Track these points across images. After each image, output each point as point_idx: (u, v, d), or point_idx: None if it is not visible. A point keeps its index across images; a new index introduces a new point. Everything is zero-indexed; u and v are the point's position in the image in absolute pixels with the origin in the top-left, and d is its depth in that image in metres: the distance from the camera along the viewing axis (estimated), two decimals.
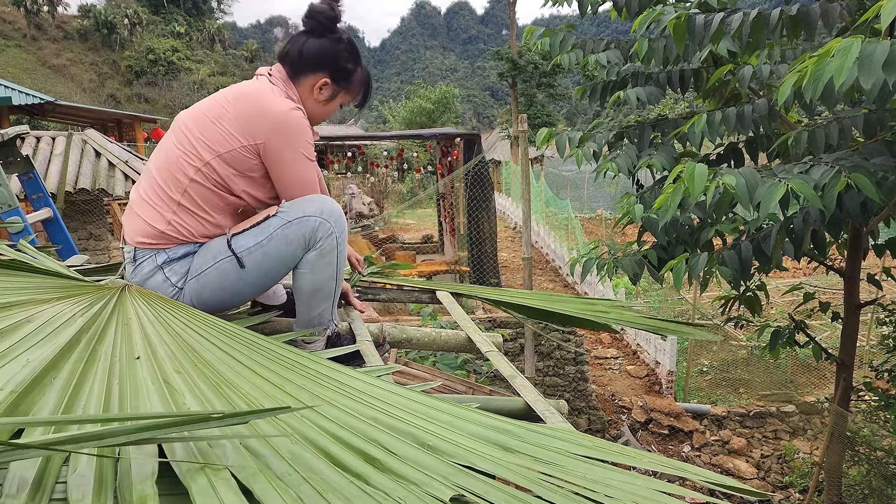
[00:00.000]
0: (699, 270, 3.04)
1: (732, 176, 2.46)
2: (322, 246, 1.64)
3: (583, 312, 2.16)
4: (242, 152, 1.64)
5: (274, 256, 1.64)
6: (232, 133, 1.62)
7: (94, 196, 7.31)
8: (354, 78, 1.82)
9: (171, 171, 1.65)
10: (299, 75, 1.75)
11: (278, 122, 1.62)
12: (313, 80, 1.75)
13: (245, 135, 1.62)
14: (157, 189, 1.66)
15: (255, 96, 1.66)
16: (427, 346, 1.91)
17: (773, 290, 8.54)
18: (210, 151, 1.63)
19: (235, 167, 1.65)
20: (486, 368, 6.91)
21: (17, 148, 3.82)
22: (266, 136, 1.62)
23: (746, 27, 2.99)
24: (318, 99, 1.78)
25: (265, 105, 1.64)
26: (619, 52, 3.87)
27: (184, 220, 1.65)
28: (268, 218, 1.64)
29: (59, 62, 49.37)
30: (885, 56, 1.96)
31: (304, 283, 1.68)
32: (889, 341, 5.25)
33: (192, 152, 1.63)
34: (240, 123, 1.62)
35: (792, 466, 7.37)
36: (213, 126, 1.63)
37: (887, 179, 2.53)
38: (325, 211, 1.65)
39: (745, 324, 4.88)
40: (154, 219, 1.65)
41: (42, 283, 1.52)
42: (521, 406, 1.37)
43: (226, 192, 1.67)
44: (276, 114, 1.62)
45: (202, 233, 1.67)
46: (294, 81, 1.75)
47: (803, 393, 8.64)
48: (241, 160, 1.64)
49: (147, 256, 1.66)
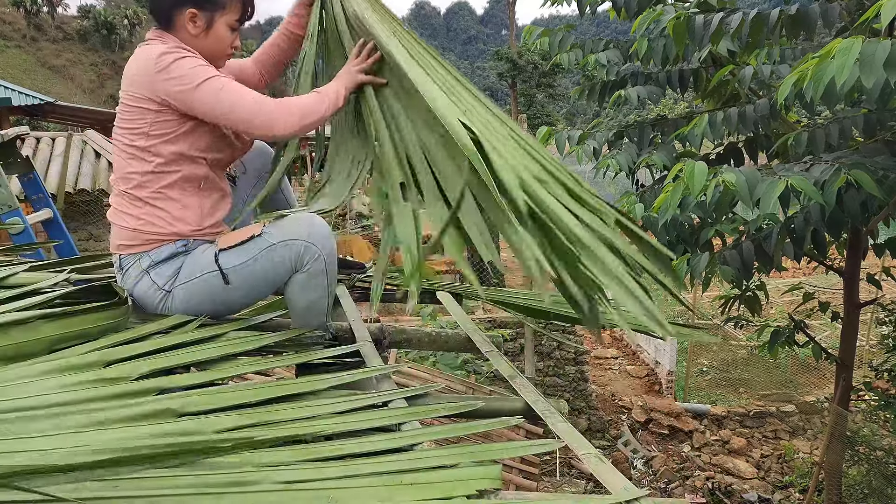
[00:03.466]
0: (701, 270, 3.04)
1: (732, 174, 2.47)
2: (310, 269, 1.63)
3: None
4: (161, 116, 1.60)
5: (260, 276, 1.63)
6: (141, 108, 1.59)
7: (94, 197, 7.31)
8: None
9: (122, 173, 1.64)
10: (169, 21, 1.67)
11: (159, 69, 1.56)
12: (181, 18, 1.66)
13: (150, 101, 1.59)
14: (121, 194, 1.66)
15: (133, 65, 1.63)
16: (427, 346, 1.92)
17: (773, 289, 8.54)
18: (140, 135, 1.60)
19: (162, 134, 1.61)
20: (486, 368, 6.91)
21: (17, 149, 3.82)
22: (161, 85, 1.57)
23: (746, 27, 3.00)
24: (196, 33, 1.68)
25: (143, 63, 1.59)
26: (618, 51, 3.87)
27: (151, 213, 1.63)
28: (252, 237, 1.62)
29: (59, 63, 49.37)
30: (886, 55, 1.97)
31: (295, 301, 1.68)
32: (889, 341, 5.25)
33: (129, 147, 1.62)
34: (140, 94, 1.59)
35: (792, 466, 7.38)
36: (126, 114, 1.61)
37: (888, 178, 2.53)
38: (311, 234, 1.62)
39: (745, 324, 4.89)
40: (125, 220, 1.65)
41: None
42: (522, 406, 1.37)
43: (173, 164, 1.63)
44: (153, 63, 1.57)
45: (174, 222, 1.64)
46: (169, 32, 1.68)
47: (803, 393, 8.64)
48: (165, 123, 1.61)
49: (132, 262, 1.66)
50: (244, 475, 0.95)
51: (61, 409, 1.10)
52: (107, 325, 1.41)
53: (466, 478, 0.96)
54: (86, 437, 1.01)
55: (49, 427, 1.04)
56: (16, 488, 0.76)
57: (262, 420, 1.12)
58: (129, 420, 1.09)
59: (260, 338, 1.53)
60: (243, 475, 0.95)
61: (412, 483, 0.95)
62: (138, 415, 1.10)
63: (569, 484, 6.65)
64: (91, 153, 7.54)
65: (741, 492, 7.00)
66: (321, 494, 0.91)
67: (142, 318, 1.60)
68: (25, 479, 0.75)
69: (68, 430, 1.04)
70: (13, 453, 0.95)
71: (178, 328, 1.54)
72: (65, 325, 1.35)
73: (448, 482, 0.95)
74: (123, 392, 1.17)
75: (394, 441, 1.09)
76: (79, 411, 1.10)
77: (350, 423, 1.15)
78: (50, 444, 0.98)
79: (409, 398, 1.30)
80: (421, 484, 0.95)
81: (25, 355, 1.26)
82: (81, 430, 1.04)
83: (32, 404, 1.10)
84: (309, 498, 0.90)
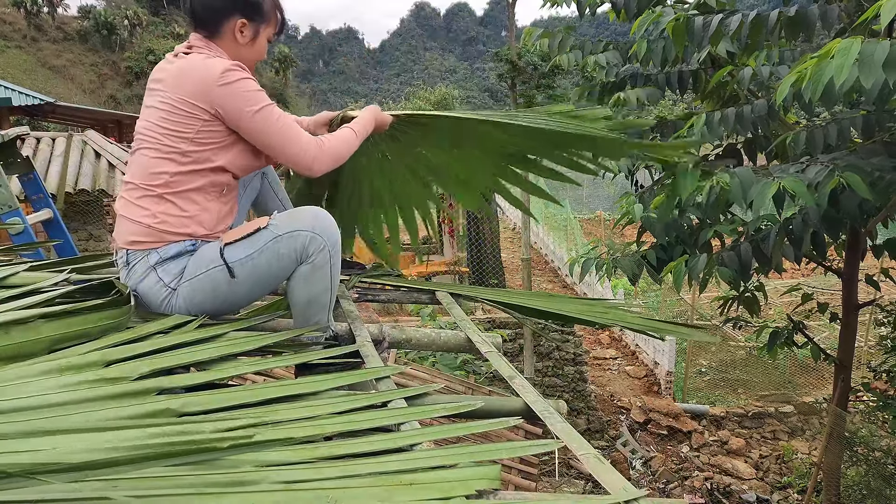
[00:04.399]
0: (699, 272, 3.04)
1: (727, 175, 2.47)
2: (314, 260, 1.64)
3: (580, 313, 2.16)
4: (209, 126, 1.64)
5: (265, 269, 1.64)
6: (191, 114, 1.63)
7: (94, 197, 7.32)
8: (265, 8, 1.80)
9: (151, 171, 1.65)
10: (217, 30, 1.74)
11: (221, 86, 1.62)
12: (230, 26, 1.74)
13: (203, 110, 1.63)
14: (140, 190, 1.66)
15: (190, 71, 1.66)
16: (426, 346, 1.92)
17: (772, 290, 8.55)
18: (183, 140, 1.64)
19: (209, 143, 1.66)
20: (486, 369, 6.91)
21: (17, 149, 3.81)
22: (216, 102, 1.62)
23: (745, 28, 3.00)
24: (243, 42, 1.77)
25: (202, 74, 1.64)
26: (617, 53, 3.88)
27: (170, 210, 1.65)
28: (258, 230, 1.64)
29: (59, 63, 49.36)
30: (885, 56, 1.97)
31: (298, 295, 1.68)
32: (887, 342, 5.26)
33: (166, 148, 1.64)
34: (194, 102, 1.63)
35: (790, 467, 7.38)
36: (173, 116, 1.64)
37: (883, 179, 2.53)
38: (316, 225, 1.64)
39: (744, 325, 4.89)
40: (141, 215, 1.65)
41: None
42: (521, 406, 1.37)
43: (208, 172, 1.67)
44: (215, 78, 1.62)
45: (191, 221, 1.67)
46: (214, 40, 1.75)
47: (802, 393, 8.65)
48: (211, 134, 1.65)
49: (139, 258, 1.66)
50: (244, 475, 0.95)
51: (61, 409, 1.10)
52: (107, 324, 1.42)
53: (465, 478, 0.96)
54: (86, 437, 1.02)
55: (49, 427, 1.05)
56: (30, 480, 0.76)
57: (262, 420, 1.12)
58: (129, 420, 1.09)
59: (260, 338, 1.54)
60: (243, 475, 0.95)
61: (411, 483, 0.95)
62: (138, 415, 1.10)
63: (568, 484, 6.65)
64: (91, 153, 7.54)
65: (740, 492, 7.01)
66: (321, 494, 0.91)
67: (142, 318, 1.61)
68: (25, 478, 0.76)
69: (68, 430, 1.04)
70: (13, 453, 0.95)
71: (178, 328, 1.54)
72: (65, 325, 1.35)
73: (447, 482, 0.96)
74: (123, 392, 1.17)
75: (393, 441, 1.09)
76: (79, 411, 1.10)
77: (350, 424, 1.15)
78: (50, 444, 0.98)
79: (408, 398, 1.30)
80: (420, 484, 0.95)
81: (25, 355, 1.27)
82: (81, 430, 1.04)
83: (32, 404, 1.10)
84: (309, 498, 0.90)
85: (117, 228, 1.71)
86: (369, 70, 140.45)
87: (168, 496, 0.88)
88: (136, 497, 0.87)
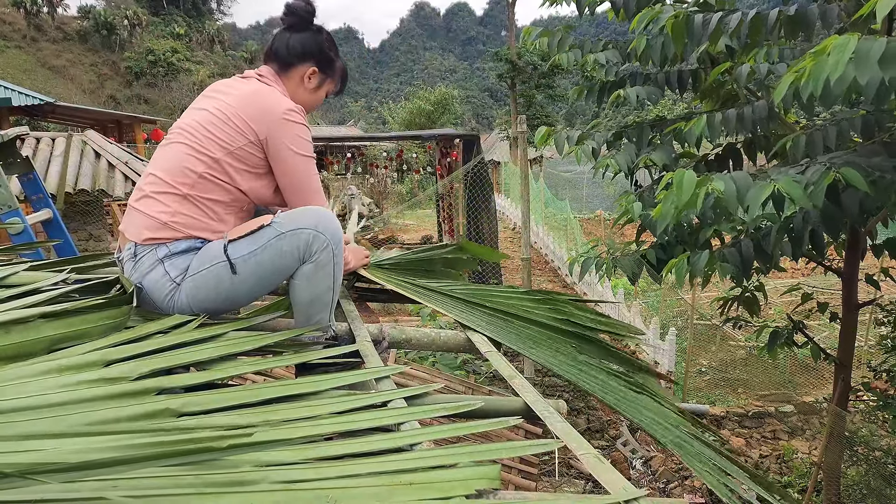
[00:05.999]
0: (700, 268, 3.04)
1: (722, 181, 2.45)
2: (317, 259, 1.66)
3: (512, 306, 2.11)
4: (249, 149, 1.73)
5: (268, 266, 1.65)
6: (241, 130, 1.72)
7: (94, 197, 7.32)
8: (336, 65, 1.98)
9: (180, 168, 1.69)
10: (288, 69, 1.89)
11: (283, 120, 1.73)
12: (302, 70, 1.90)
13: (253, 132, 1.72)
14: (164, 185, 1.70)
15: (258, 96, 1.77)
16: (426, 346, 1.92)
17: (772, 290, 8.55)
18: (221, 149, 1.71)
19: (243, 163, 1.74)
20: (486, 369, 6.91)
21: (16, 149, 3.82)
22: (270, 131, 1.73)
23: (745, 27, 3.00)
24: (308, 87, 1.93)
25: (271, 103, 1.75)
26: (617, 52, 3.87)
27: (190, 212, 1.68)
28: (262, 227, 1.66)
29: (59, 63, 49.33)
30: (881, 52, 1.96)
31: (300, 294, 1.69)
32: (887, 342, 5.26)
33: (202, 150, 1.70)
34: (248, 121, 1.72)
35: (791, 466, 7.38)
36: (225, 126, 1.72)
37: (884, 179, 2.53)
38: (319, 224, 1.66)
39: (744, 324, 4.89)
40: (159, 211, 1.67)
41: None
42: (521, 406, 1.37)
43: (233, 188, 1.74)
44: (280, 112, 1.74)
45: (205, 227, 1.70)
46: (282, 76, 1.89)
47: (802, 393, 8.65)
48: (248, 156, 1.74)
49: (147, 251, 1.67)
50: (244, 475, 0.95)
51: (61, 409, 1.10)
52: (107, 324, 1.42)
53: (465, 478, 0.96)
54: (86, 437, 1.02)
55: (49, 427, 1.04)
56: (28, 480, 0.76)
57: (262, 420, 1.12)
58: (129, 420, 1.09)
59: (260, 338, 1.54)
60: (243, 475, 0.95)
61: (411, 483, 0.95)
62: (138, 415, 1.10)
63: (568, 484, 6.65)
64: (91, 153, 7.54)
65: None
66: (321, 494, 0.91)
67: (143, 317, 1.61)
68: (24, 478, 0.75)
69: (68, 430, 1.04)
70: (12, 453, 0.95)
71: (178, 328, 1.54)
72: (65, 325, 1.35)
73: (447, 482, 0.96)
74: (123, 392, 1.17)
75: (393, 441, 1.09)
76: (78, 411, 1.10)
77: (350, 423, 1.15)
78: (50, 444, 0.98)
79: (408, 398, 1.30)
80: (420, 484, 0.95)
81: (25, 355, 1.27)
82: (81, 430, 1.04)
83: (32, 404, 1.10)
84: (309, 498, 0.90)
85: (128, 221, 1.73)
86: (369, 70, 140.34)
87: (167, 496, 0.88)
88: (136, 497, 0.87)
